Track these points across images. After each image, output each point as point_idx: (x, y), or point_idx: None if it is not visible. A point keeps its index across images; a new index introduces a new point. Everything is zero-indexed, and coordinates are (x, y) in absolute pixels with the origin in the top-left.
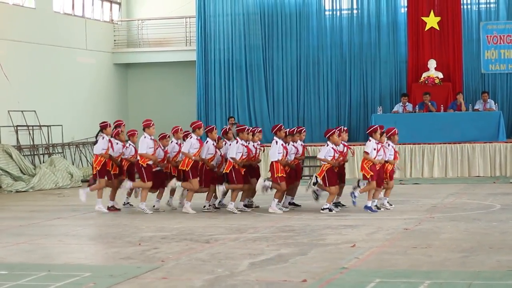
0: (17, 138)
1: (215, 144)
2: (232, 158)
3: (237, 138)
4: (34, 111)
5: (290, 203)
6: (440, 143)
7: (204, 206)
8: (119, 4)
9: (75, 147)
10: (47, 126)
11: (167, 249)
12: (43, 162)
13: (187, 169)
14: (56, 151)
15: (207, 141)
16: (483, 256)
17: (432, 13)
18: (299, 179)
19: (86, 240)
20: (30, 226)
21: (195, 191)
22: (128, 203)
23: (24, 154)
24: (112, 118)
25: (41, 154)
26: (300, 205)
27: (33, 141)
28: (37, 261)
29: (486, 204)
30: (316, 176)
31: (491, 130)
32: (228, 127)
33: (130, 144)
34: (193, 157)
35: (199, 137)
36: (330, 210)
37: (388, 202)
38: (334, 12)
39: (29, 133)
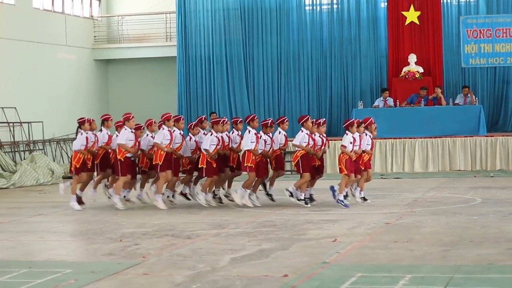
0: None
1: (181, 133)
2: (205, 150)
3: (212, 130)
4: (15, 107)
5: (267, 194)
6: (421, 138)
7: (168, 196)
8: (99, 0)
9: (55, 143)
10: (28, 122)
11: (148, 245)
12: (24, 158)
13: (160, 163)
14: (37, 148)
15: (190, 137)
16: (464, 250)
17: (412, 7)
18: (282, 168)
19: (67, 237)
20: (11, 223)
21: (166, 181)
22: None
23: (4, 151)
24: (93, 114)
25: (21, 150)
26: (275, 201)
27: (13, 138)
28: (18, 258)
29: (467, 198)
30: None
31: (471, 124)
32: (203, 116)
33: (102, 131)
34: (165, 149)
35: (170, 129)
36: (306, 203)
37: (363, 197)
38: (314, 7)
39: (10, 129)
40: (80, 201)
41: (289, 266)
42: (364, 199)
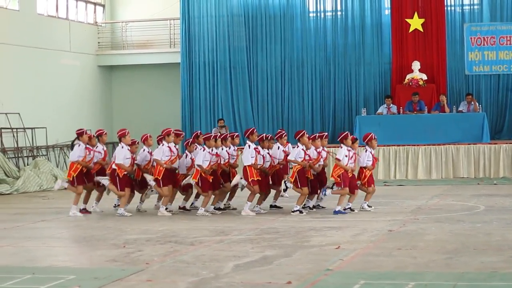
0: (1, 141)
1: (177, 147)
2: (199, 166)
3: (204, 146)
4: (18, 113)
5: (272, 206)
6: (424, 145)
7: (166, 208)
8: (103, 6)
9: (59, 149)
10: (31, 128)
11: (152, 252)
12: (28, 164)
13: (159, 177)
14: (40, 154)
15: (186, 155)
16: (467, 258)
17: (416, 14)
18: (280, 184)
19: (70, 243)
20: (14, 228)
21: (168, 196)
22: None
23: (8, 157)
24: (97, 121)
25: (25, 156)
26: (282, 207)
27: (17, 144)
28: (22, 264)
29: (470, 206)
30: (285, 182)
31: (475, 131)
32: (199, 131)
33: (97, 146)
34: (165, 165)
35: (169, 144)
36: (301, 212)
37: (367, 205)
38: (318, 14)
39: (13, 135)
40: (86, 211)
41: (292, 273)
42: (368, 206)
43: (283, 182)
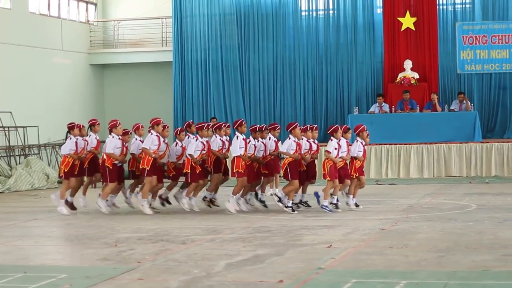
0: None
1: (166, 141)
2: (190, 155)
3: (197, 135)
4: (10, 112)
5: (260, 200)
6: (416, 143)
7: (150, 204)
8: (95, 4)
9: (51, 148)
10: (23, 127)
11: (143, 250)
12: (19, 163)
13: (147, 168)
14: (32, 152)
15: (176, 143)
16: (459, 256)
17: (408, 13)
18: (272, 174)
19: (62, 241)
20: (6, 227)
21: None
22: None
23: (0, 155)
24: (89, 119)
25: (17, 155)
26: (267, 207)
27: (9, 142)
28: (13, 263)
29: (462, 204)
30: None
31: (467, 130)
32: (191, 121)
33: (90, 135)
34: (153, 154)
35: (158, 134)
36: (293, 210)
37: (356, 203)
38: (310, 13)
39: (5, 134)
40: (72, 207)
41: (284, 272)
42: (356, 205)
43: (274, 194)
